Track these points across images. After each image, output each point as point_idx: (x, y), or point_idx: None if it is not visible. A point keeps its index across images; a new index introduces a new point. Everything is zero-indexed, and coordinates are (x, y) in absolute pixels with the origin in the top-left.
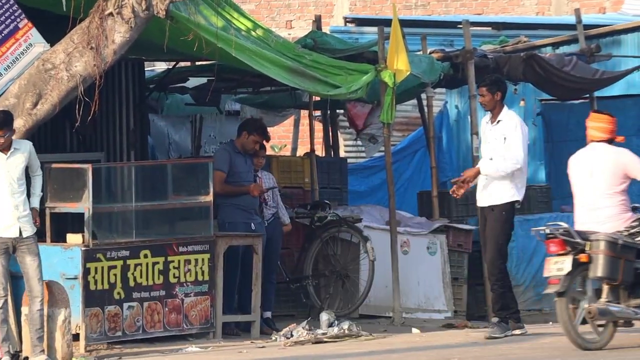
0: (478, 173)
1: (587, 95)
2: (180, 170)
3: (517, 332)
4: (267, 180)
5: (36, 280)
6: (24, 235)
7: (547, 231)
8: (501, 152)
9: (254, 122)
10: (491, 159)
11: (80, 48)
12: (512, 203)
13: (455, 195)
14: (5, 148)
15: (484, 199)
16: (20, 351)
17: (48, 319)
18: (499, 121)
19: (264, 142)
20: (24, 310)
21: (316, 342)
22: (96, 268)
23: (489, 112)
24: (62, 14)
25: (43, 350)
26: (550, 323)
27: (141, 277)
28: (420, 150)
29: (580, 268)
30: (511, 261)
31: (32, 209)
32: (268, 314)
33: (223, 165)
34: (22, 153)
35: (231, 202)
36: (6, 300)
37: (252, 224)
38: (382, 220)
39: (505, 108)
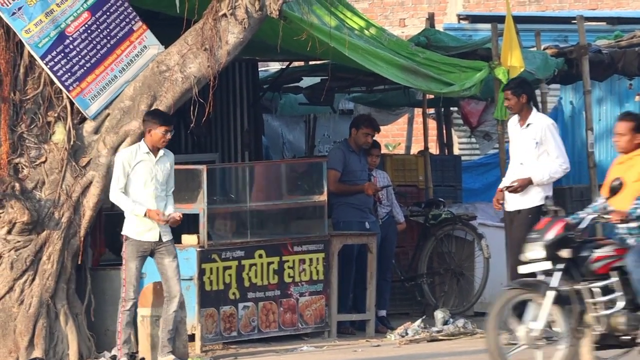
0: (530, 182)
1: None
2: (295, 169)
3: None
4: (381, 179)
5: (175, 280)
6: (164, 239)
7: None
8: (532, 156)
9: (360, 117)
10: (522, 163)
11: (194, 49)
12: (539, 206)
13: (498, 208)
14: (155, 150)
15: (512, 203)
16: (137, 352)
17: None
18: (528, 124)
19: (374, 133)
20: (143, 311)
21: (431, 340)
22: (211, 269)
23: (517, 115)
24: (176, 15)
25: (171, 351)
26: None
27: (256, 277)
28: None
29: None
30: None
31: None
32: (383, 313)
33: (337, 164)
34: (169, 160)
35: (345, 201)
36: (134, 304)
37: (367, 223)
38: (496, 217)
39: (534, 111)
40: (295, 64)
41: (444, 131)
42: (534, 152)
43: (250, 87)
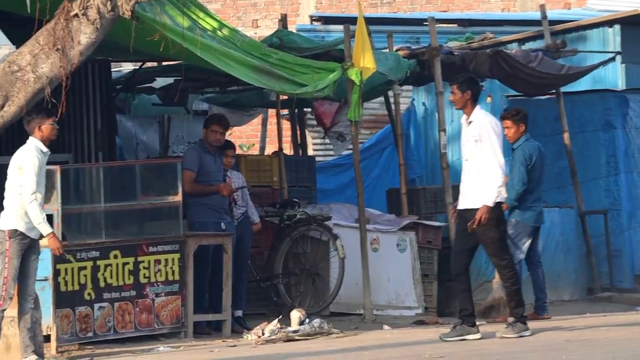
0: (489, 210)
1: (554, 91)
2: (149, 170)
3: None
4: (236, 180)
5: (33, 279)
6: (37, 237)
7: None
8: (474, 153)
9: (209, 116)
10: (466, 159)
11: (46, 49)
12: (498, 203)
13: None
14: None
15: (459, 202)
16: None
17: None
18: (470, 122)
19: (224, 130)
20: (13, 311)
21: (287, 340)
22: (66, 269)
23: (462, 111)
24: (27, 15)
25: (34, 350)
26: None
27: (111, 277)
28: (388, 148)
29: None
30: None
31: None
32: (239, 313)
33: (192, 165)
34: None
35: (201, 202)
36: None
37: (222, 224)
38: (351, 218)
39: (477, 108)
40: (149, 64)
41: (298, 132)
42: (474, 148)
43: (104, 88)
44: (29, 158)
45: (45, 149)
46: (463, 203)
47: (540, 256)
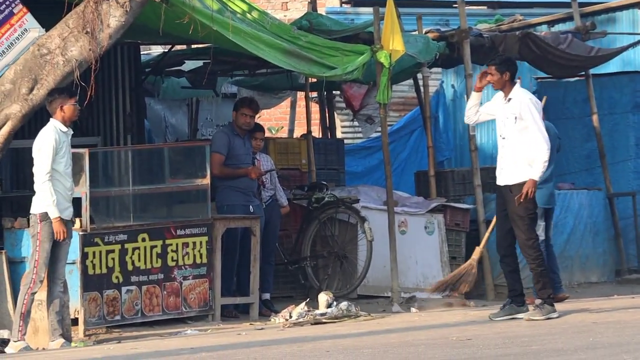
0: (535, 184)
1: (583, 73)
2: (178, 153)
3: (554, 315)
4: (265, 163)
5: (64, 263)
6: (69, 218)
7: None
8: (513, 131)
9: (239, 99)
10: (504, 137)
11: (76, 33)
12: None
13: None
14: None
15: (499, 178)
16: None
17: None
18: (509, 99)
19: (254, 113)
20: (41, 295)
21: (315, 323)
22: (94, 252)
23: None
24: None
25: (62, 334)
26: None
27: (139, 260)
28: (417, 130)
29: None
30: None
31: None
32: (267, 296)
33: (221, 148)
34: None
35: (229, 185)
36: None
37: (251, 207)
38: (379, 200)
39: (516, 86)
40: (178, 47)
41: (327, 115)
42: (514, 127)
43: (133, 71)
44: (44, 139)
45: (65, 129)
46: (503, 180)
47: (550, 238)
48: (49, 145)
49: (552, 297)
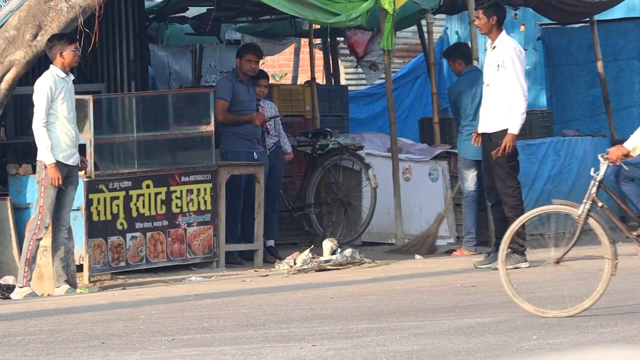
0: (514, 138)
1: (588, 19)
2: (182, 100)
3: (523, 265)
4: (269, 110)
5: (68, 210)
6: (75, 164)
7: None
8: (496, 78)
9: (243, 45)
10: (488, 85)
11: None
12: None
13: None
14: (68, 73)
15: (481, 126)
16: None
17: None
18: (494, 47)
19: (258, 59)
20: (46, 241)
21: (319, 270)
22: (99, 199)
23: (487, 36)
24: None
25: (67, 280)
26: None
27: (144, 207)
28: (421, 77)
29: None
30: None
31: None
32: (271, 243)
33: (225, 94)
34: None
35: (234, 132)
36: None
37: (255, 153)
38: (383, 147)
39: (502, 33)
40: None
41: (331, 61)
42: (497, 74)
43: (136, 17)
44: (40, 86)
45: (63, 75)
46: (486, 127)
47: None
48: (44, 92)
49: (523, 247)
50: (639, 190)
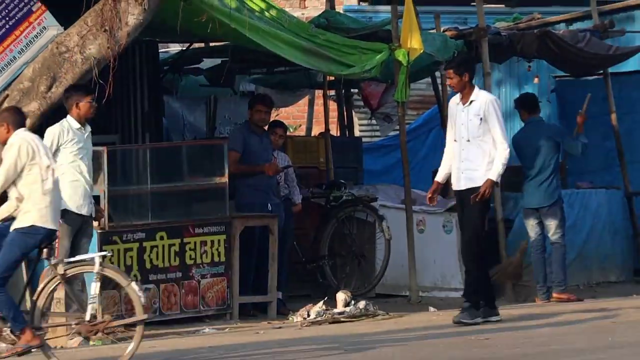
0: (492, 184)
1: (601, 72)
2: (196, 151)
3: (493, 319)
4: (281, 161)
5: None
6: (89, 214)
7: None
8: (478, 133)
9: (252, 97)
10: (468, 140)
11: (94, 31)
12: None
13: (433, 203)
14: (84, 124)
15: (461, 182)
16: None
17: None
18: (471, 102)
19: (268, 109)
20: (58, 294)
21: (333, 322)
22: (112, 250)
23: (459, 93)
24: None
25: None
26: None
27: (157, 259)
28: (435, 129)
29: None
30: (522, 237)
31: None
32: (279, 295)
33: (237, 145)
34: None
35: (248, 183)
36: None
37: (269, 205)
38: (397, 199)
39: (476, 88)
40: (196, 45)
41: (345, 113)
42: (478, 128)
43: (151, 69)
44: (46, 135)
45: (77, 125)
46: (466, 183)
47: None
48: (47, 139)
49: (480, 303)
50: None
